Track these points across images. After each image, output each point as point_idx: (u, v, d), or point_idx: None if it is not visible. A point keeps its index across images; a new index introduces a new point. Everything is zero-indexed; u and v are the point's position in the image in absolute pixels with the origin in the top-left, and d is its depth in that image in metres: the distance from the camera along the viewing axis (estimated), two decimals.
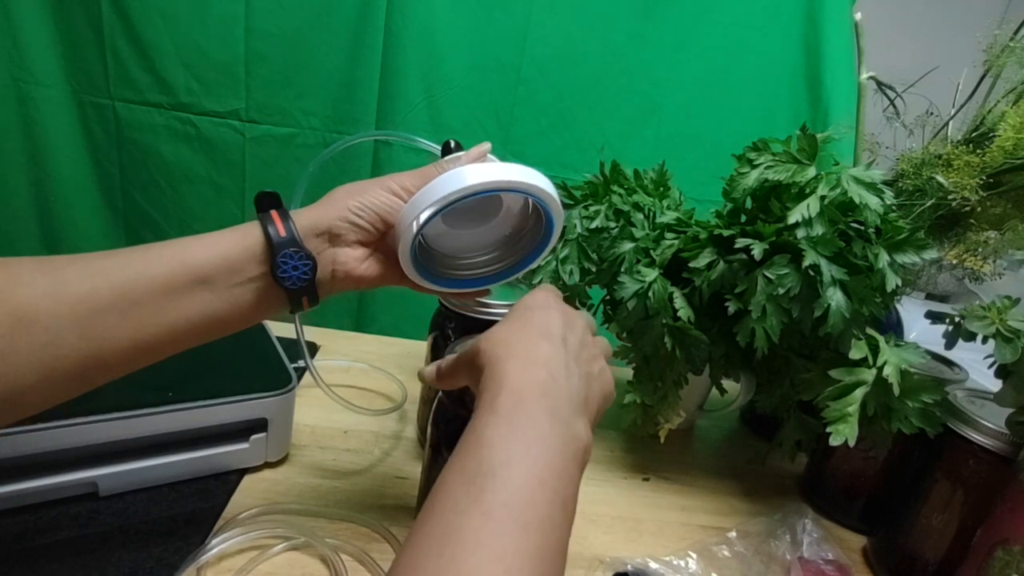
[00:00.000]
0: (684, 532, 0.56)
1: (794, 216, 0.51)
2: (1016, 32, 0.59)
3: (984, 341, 0.47)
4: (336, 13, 1.00)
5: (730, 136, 0.67)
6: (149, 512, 0.46)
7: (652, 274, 0.56)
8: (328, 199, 0.39)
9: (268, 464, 0.53)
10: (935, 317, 0.56)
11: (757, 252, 0.51)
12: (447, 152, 0.44)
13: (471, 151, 0.42)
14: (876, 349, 0.49)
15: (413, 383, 0.70)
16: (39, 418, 0.42)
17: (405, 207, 0.39)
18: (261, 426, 0.51)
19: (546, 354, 0.32)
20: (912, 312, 0.83)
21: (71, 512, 0.45)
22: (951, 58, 0.63)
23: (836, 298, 0.50)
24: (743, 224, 0.56)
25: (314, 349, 0.77)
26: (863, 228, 0.52)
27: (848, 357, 0.50)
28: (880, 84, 0.68)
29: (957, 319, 0.50)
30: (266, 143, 1.06)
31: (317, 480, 0.53)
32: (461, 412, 0.41)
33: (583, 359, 0.34)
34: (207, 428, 0.49)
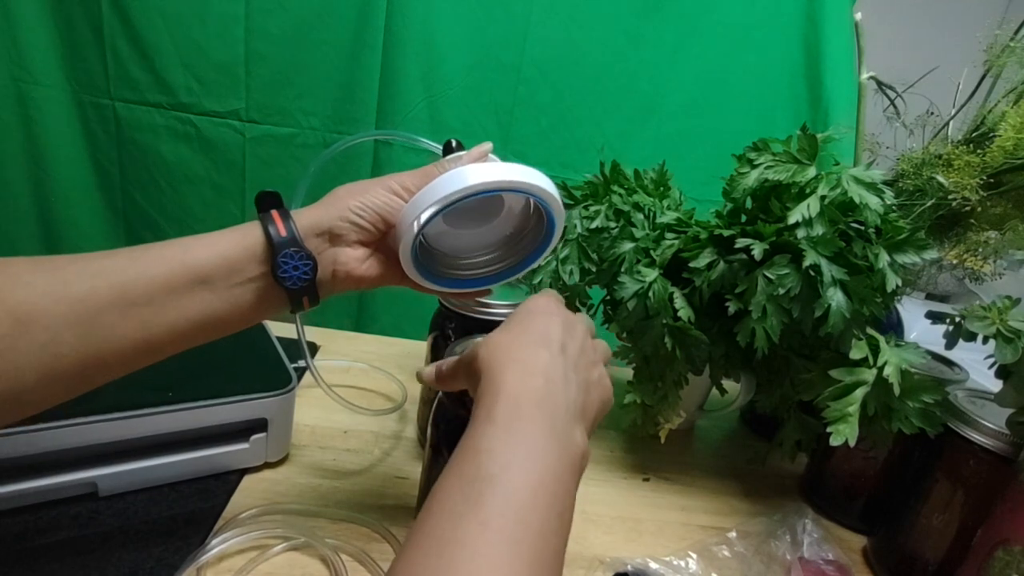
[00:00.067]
0: (684, 532, 0.56)
1: (794, 216, 0.51)
2: (1016, 32, 0.59)
3: (984, 341, 0.47)
4: (336, 13, 1.00)
5: (730, 136, 0.67)
6: (149, 512, 0.46)
7: (652, 274, 0.56)
8: (329, 199, 0.39)
9: (268, 464, 0.53)
10: (935, 317, 0.56)
11: (757, 252, 0.51)
12: (448, 151, 0.44)
13: (472, 151, 0.42)
14: (876, 349, 0.49)
15: (413, 383, 0.70)
16: (39, 418, 0.42)
17: (406, 207, 0.39)
18: (261, 426, 0.51)
19: (544, 361, 0.32)
20: (912, 312, 0.82)
21: (71, 512, 0.45)
22: (951, 58, 0.63)
23: (836, 298, 0.50)
24: (743, 224, 0.56)
25: (314, 349, 0.77)
26: (863, 228, 0.52)
27: (848, 357, 0.50)
28: (880, 84, 0.68)
29: (957, 319, 0.50)
30: (266, 143, 1.06)
31: (317, 480, 0.53)
32: (461, 412, 0.41)
33: (582, 366, 0.34)
34: (207, 428, 0.49)
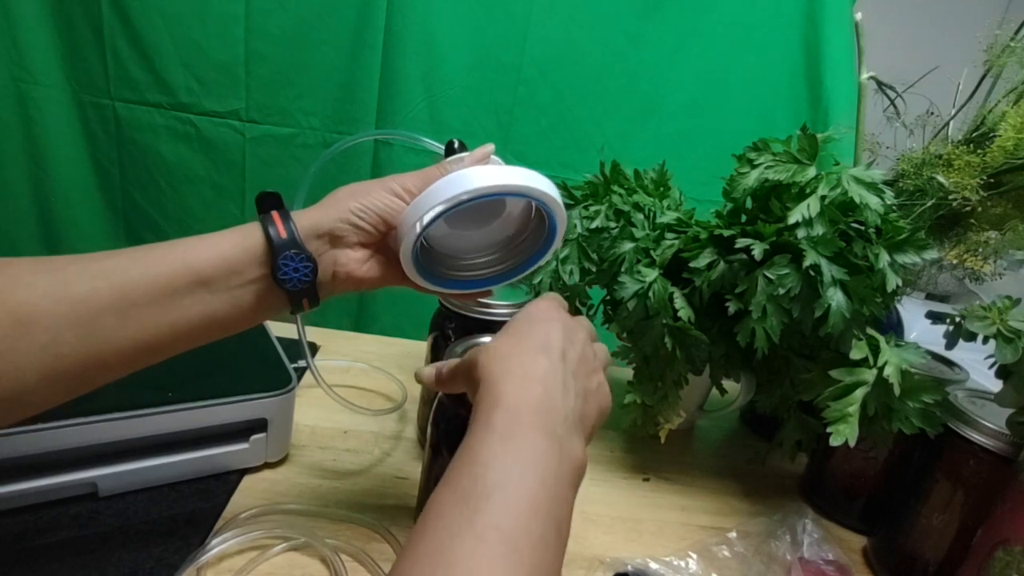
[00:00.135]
0: (684, 532, 0.56)
1: (794, 216, 0.51)
2: (1016, 32, 0.59)
3: (984, 341, 0.47)
4: (336, 13, 1.00)
5: (730, 136, 0.67)
6: (149, 512, 0.46)
7: (652, 274, 0.56)
8: (329, 200, 0.39)
9: (268, 464, 0.53)
10: (935, 317, 0.56)
11: (757, 252, 0.51)
12: (450, 152, 0.44)
13: (475, 152, 0.42)
14: (876, 349, 0.49)
15: (413, 383, 0.70)
16: (39, 418, 0.42)
17: (407, 209, 0.39)
18: (261, 426, 0.51)
19: (544, 369, 0.32)
20: (912, 312, 0.82)
21: (71, 512, 0.45)
22: (951, 58, 0.63)
23: (836, 298, 0.50)
24: (743, 224, 0.56)
25: (314, 349, 0.77)
26: (863, 228, 0.52)
27: (848, 357, 0.50)
28: (880, 84, 0.68)
29: (957, 319, 0.50)
30: (266, 143, 1.06)
31: (317, 480, 0.53)
32: (461, 412, 0.41)
33: (581, 374, 0.34)
34: (207, 428, 0.49)
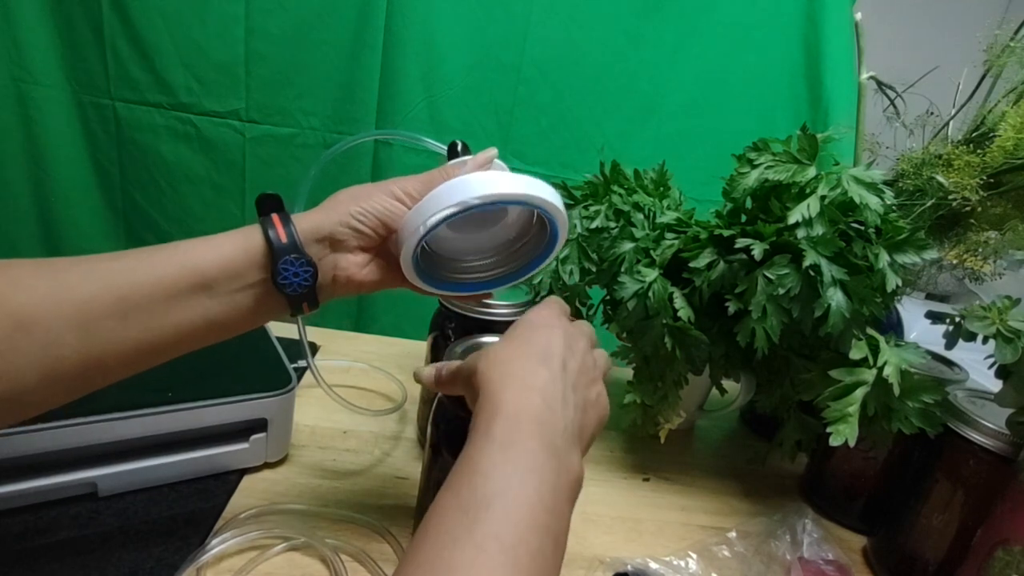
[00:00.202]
0: (684, 532, 0.56)
1: (794, 216, 0.51)
2: (1016, 32, 0.59)
3: (984, 341, 0.47)
4: (336, 13, 1.00)
5: (730, 136, 0.67)
6: (149, 512, 0.46)
7: (652, 274, 0.56)
8: (330, 203, 0.39)
9: (268, 464, 0.53)
10: (935, 317, 0.56)
11: (757, 252, 0.51)
12: (453, 154, 0.43)
13: (477, 157, 0.42)
14: (876, 349, 0.49)
15: (413, 383, 0.70)
16: (39, 418, 0.41)
17: (409, 215, 0.38)
18: (261, 426, 0.51)
19: (544, 380, 0.32)
20: (912, 312, 0.82)
21: (71, 512, 0.45)
22: (951, 58, 0.63)
23: (836, 298, 0.50)
24: (743, 224, 0.56)
25: (314, 349, 0.77)
26: (863, 228, 0.52)
27: (848, 357, 0.50)
28: (880, 84, 0.68)
29: (957, 319, 0.50)
30: (266, 143, 1.06)
31: (317, 480, 0.53)
32: (461, 412, 0.41)
33: (581, 384, 0.34)
34: (207, 428, 0.49)
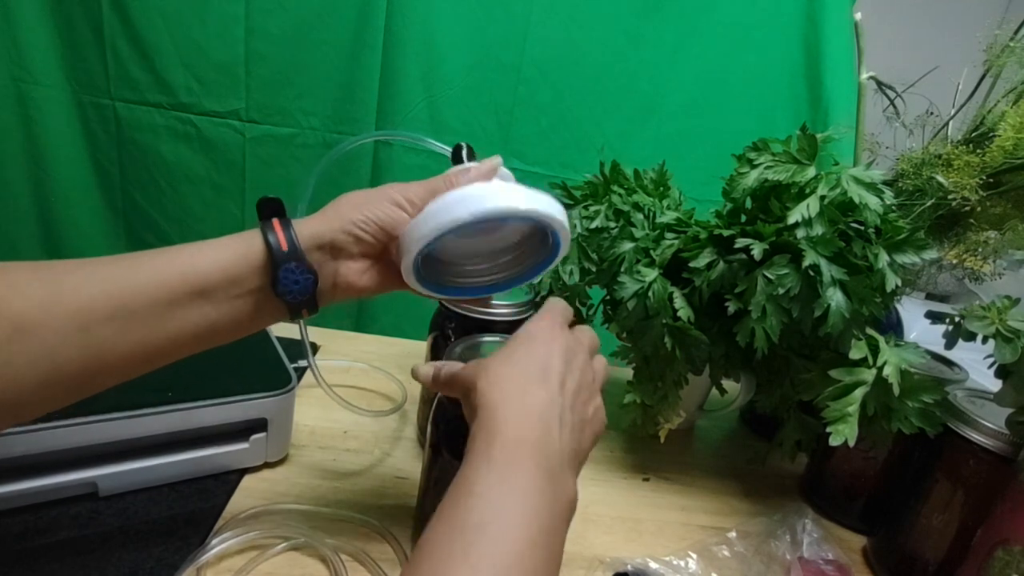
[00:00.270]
0: (684, 532, 0.56)
1: (794, 216, 0.51)
2: (1016, 32, 0.59)
3: (984, 341, 0.47)
4: (336, 13, 1.00)
5: (730, 136, 0.67)
6: (149, 512, 0.46)
7: (652, 274, 0.56)
8: (332, 210, 0.38)
9: (268, 464, 0.53)
10: (935, 317, 0.56)
11: (757, 252, 0.51)
12: (457, 157, 0.43)
13: (481, 166, 0.41)
14: (876, 349, 0.49)
15: (413, 383, 0.70)
16: (39, 418, 0.42)
17: (411, 225, 0.38)
18: (261, 426, 0.51)
19: (542, 403, 0.32)
20: (912, 312, 0.82)
21: (71, 512, 0.45)
22: (951, 58, 0.63)
23: (836, 298, 0.50)
24: (743, 224, 0.56)
25: (314, 349, 0.77)
26: (863, 228, 0.52)
27: (848, 357, 0.50)
28: (880, 84, 0.68)
29: (957, 319, 0.50)
30: (266, 143, 1.06)
31: (317, 480, 0.53)
32: (461, 412, 0.41)
33: (579, 404, 0.34)
34: (207, 428, 0.49)
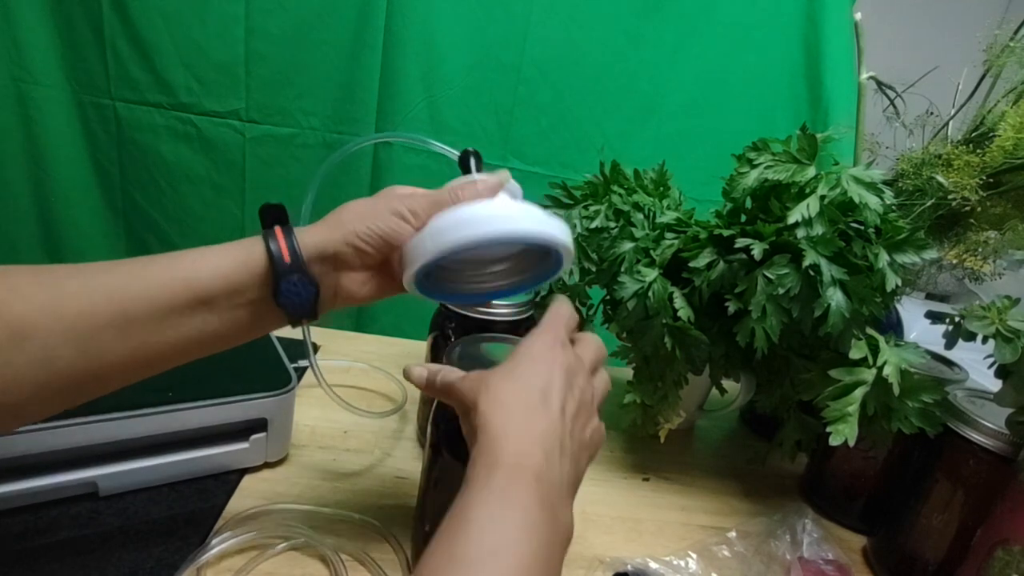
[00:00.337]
0: (684, 532, 0.56)
1: (794, 216, 0.51)
2: (1016, 32, 0.59)
3: (984, 341, 0.47)
4: (336, 13, 1.00)
5: (730, 136, 0.67)
6: (149, 512, 0.46)
7: (652, 274, 0.56)
8: (335, 220, 0.38)
9: (268, 464, 0.53)
10: (935, 317, 0.56)
11: (757, 252, 0.51)
12: (464, 165, 0.42)
13: (488, 178, 0.40)
14: (876, 349, 0.49)
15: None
16: None
17: (414, 241, 0.37)
18: (261, 426, 0.51)
19: (543, 429, 0.32)
20: (912, 312, 0.82)
21: (71, 512, 0.45)
22: (951, 58, 0.63)
23: (836, 298, 0.50)
24: (743, 224, 0.56)
25: (314, 349, 0.76)
26: (863, 228, 0.52)
27: (848, 357, 0.50)
28: (880, 84, 0.68)
29: (957, 319, 0.50)
30: (266, 143, 1.06)
31: (317, 480, 0.53)
32: None
33: (578, 428, 0.34)
34: (207, 428, 0.49)
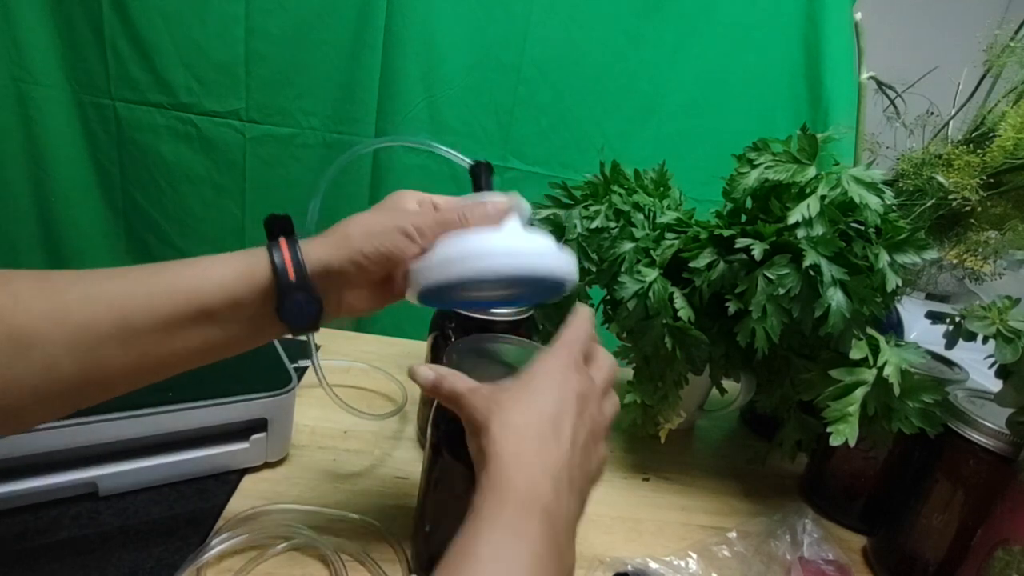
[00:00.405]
0: (684, 532, 0.56)
1: (794, 216, 0.51)
2: (1016, 32, 0.59)
3: (984, 341, 0.47)
4: (336, 13, 1.00)
5: (730, 136, 0.67)
6: (149, 512, 0.46)
7: (652, 274, 0.56)
8: (342, 236, 0.37)
9: (268, 464, 0.53)
10: (935, 317, 0.56)
11: (757, 252, 0.51)
12: (475, 179, 0.42)
13: (498, 202, 0.39)
14: (876, 349, 0.49)
15: (413, 384, 0.70)
16: None
17: (421, 265, 0.37)
18: (261, 426, 0.51)
19: (554, 462, 0.31)
20: (912, 312, 0.82)
21: (71, 512, 0.45)
22: (951, 58, 0.63)
23: (836, 298, 0.50)
24: (743, 224, 0.56)
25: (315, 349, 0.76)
26: (863, 228, 0.52)
27: (848, 357, 0.50)
28: (880, 84, 0.68)
29: (957, 319, 0.50)
30: (266, 143, 1.06)
31: (317, 480, 0.53)
32: None
33: (586, 459, 0.34)
34: (207, 428, 0.49)
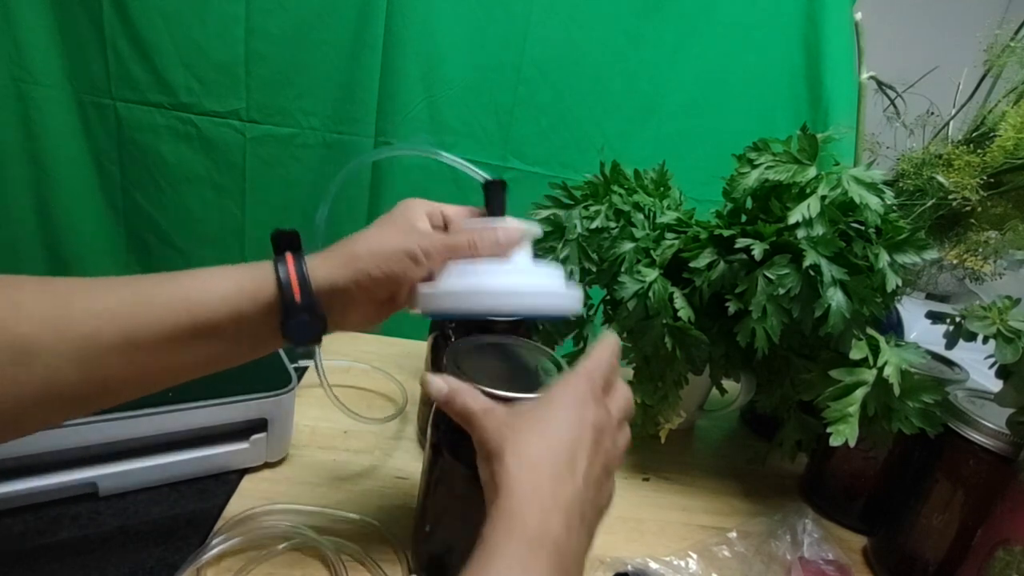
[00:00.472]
0: (684, 532, 0.56)
1: (794, 216, 0.51)
2: (1016, 32, 0.59)
3: (984, 341, 0.47)
4: (336, 13, 1.00)
5: (730, 136, 0.67)
6: (149, 512, 0.46)
7: (652, 274, 0.56)
8: (349, 255, 0.37)
9: (268, 464, 0.53)
10: (935, 317, 0.56)
11: (757, 252, 0.51)
12: (488, 197, 0.42)
13: (508, 229, 0.40)
14: (876, 349, 0.49)
15: (413, 384, 0.70)
16: None
17: (428, 293, 0.38)
18: (261, 426, 0.51)
19: (568, 497, 0.31)
20: (912, 312, 0.82)
21: (71, 512, 0.45)
22: (951, 58, 0.63)
23: (836, 298, 0.50)
24: (743, 224, 0.56)
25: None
26: (863, 228, 0.52)
27: (848, 357, 0.50)
28: (880, 84, 0.68)
29: (958, 319, 0.50)
30: (266, 143, 1.06)
31: (317, 480, 0.53)
32: None
33: (598, 495, 0.33)
34: (207, 428, 0.49)
